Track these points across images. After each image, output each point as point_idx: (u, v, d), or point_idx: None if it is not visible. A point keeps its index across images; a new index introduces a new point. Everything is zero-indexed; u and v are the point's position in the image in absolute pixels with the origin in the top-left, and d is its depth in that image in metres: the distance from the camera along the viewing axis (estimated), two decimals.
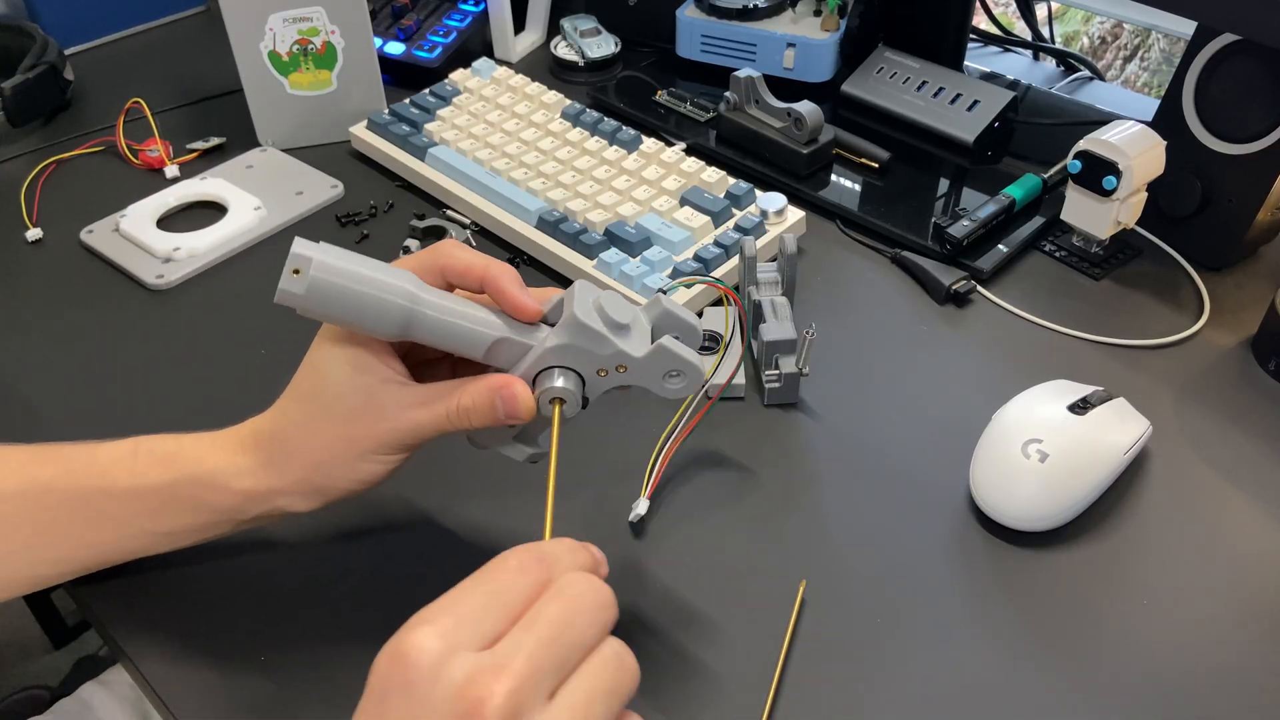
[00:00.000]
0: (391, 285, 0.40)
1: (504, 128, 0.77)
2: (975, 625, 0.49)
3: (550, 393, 0.42)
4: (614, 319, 0.42)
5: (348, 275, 0.40)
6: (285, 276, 0.40)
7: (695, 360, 0.43)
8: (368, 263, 0.41)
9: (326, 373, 0.43)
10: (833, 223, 0.74)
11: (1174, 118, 0.68)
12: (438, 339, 0.42)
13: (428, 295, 0.41)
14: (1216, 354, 0.63)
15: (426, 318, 0.41)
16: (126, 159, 0.80)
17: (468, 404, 0.42)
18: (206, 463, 0.44)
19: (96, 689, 0.67)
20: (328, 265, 0.40)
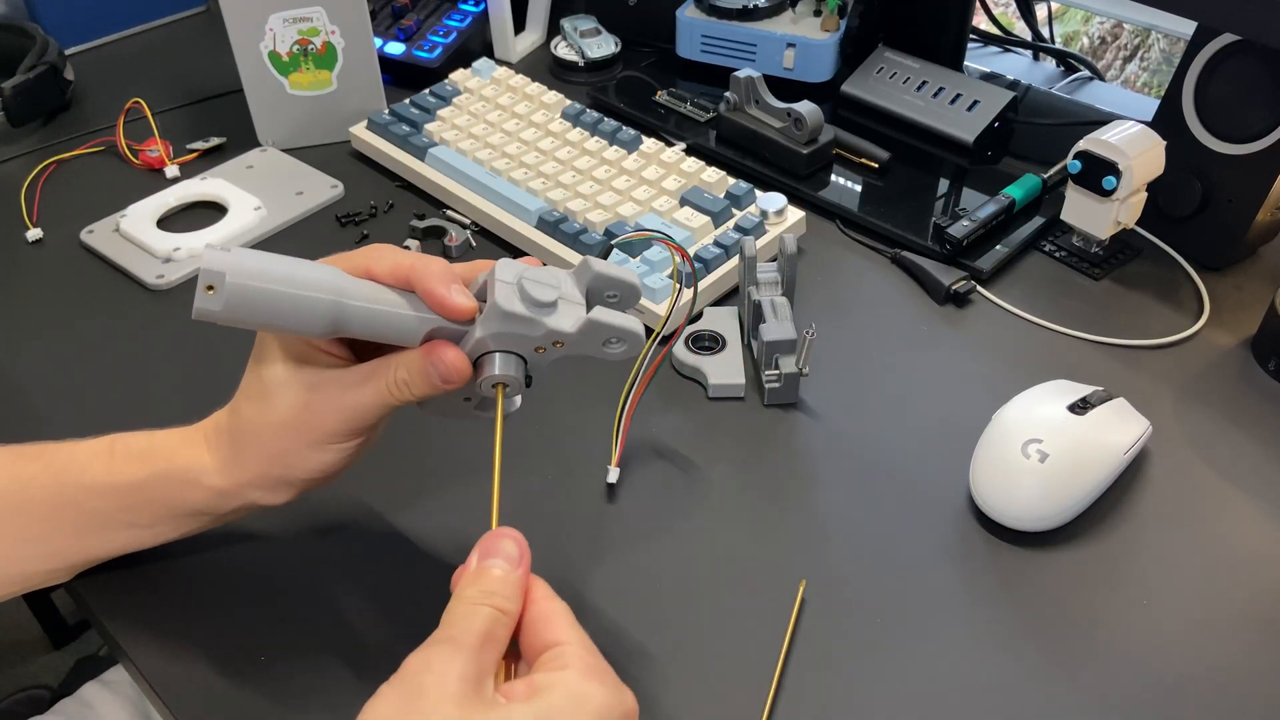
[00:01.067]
0: (315, 281, 0.39)
1: (504, 128, 0.77)
2: (975, 625, 0.49)
3: (491, 379, 0.41)
4: (537, 299, 0.40)
5: (266, 278, 0.38)
6: (200, 294, 0.38)
7: (629, 325, 0.42)
8: (287, 261, 0.39)
9: (268, 368, 0.42)
10: (833, 223, 0.74)
11: (1174, 118, 0.68)
12: (371, 332, 0.41)
13: (354, 287, 0.40)
14: (1216, 354, 0.63)
15: (355, 310, 0.40)
16: (127, 159, 0.80)
17: (404, 376, 0.41)
18: (177, 459, 0.44)
19: (98, 689, 0.67)
20: (244, 270, 0.38)
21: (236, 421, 0.44)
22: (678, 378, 0.62)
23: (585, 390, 0.60)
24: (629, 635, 0.48)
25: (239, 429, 0.44)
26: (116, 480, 0.44)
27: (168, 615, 0.49)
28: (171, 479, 0.44)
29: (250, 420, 0.43)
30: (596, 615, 0.49)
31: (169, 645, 0.48)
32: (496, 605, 0.35)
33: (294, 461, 0.43)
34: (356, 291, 0.40)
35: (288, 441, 0.43)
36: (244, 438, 0.43)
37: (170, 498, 0.45)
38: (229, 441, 0.44)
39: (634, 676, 0.46)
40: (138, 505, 0.45)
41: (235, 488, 0.44)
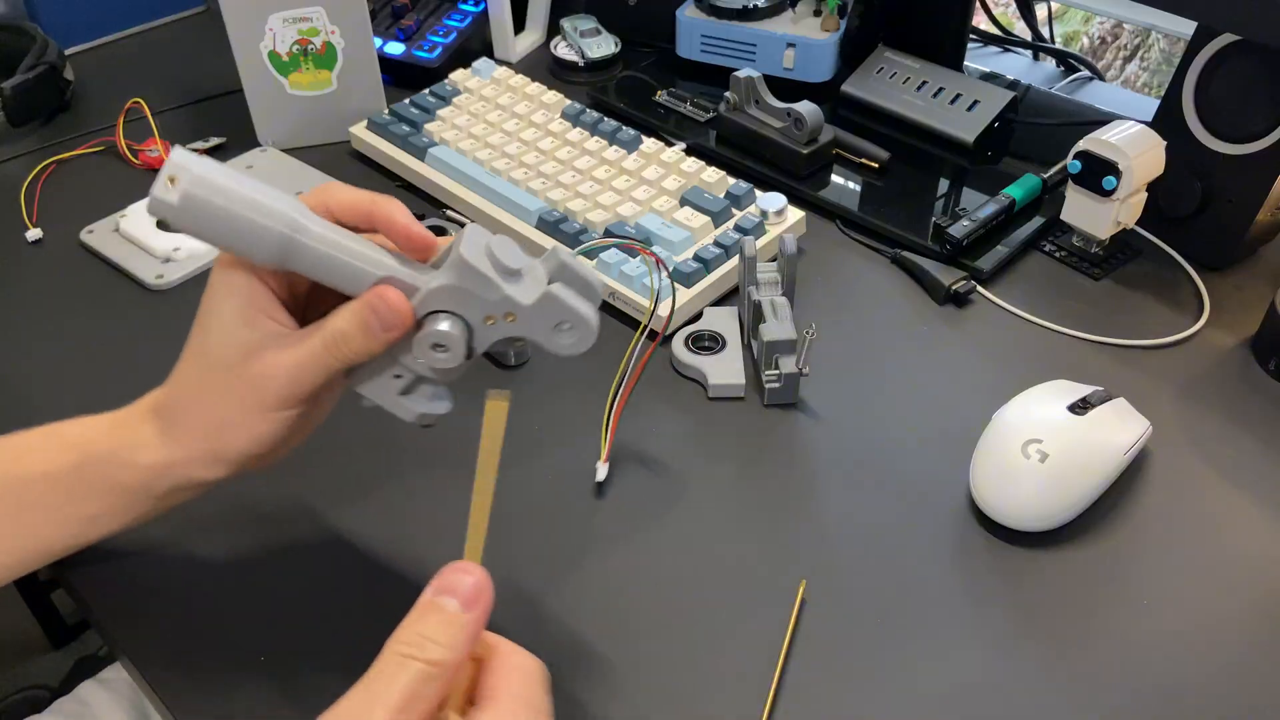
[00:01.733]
0: (272, 210, 0.38)
1: (504, 128, 0.77)
2: (975, 625, 0.49)
3: (432, 336, 0.40)
4: (504, 264, 0.39)
5: (225, 193, 0.37)
6: (158, 183, 0.37)
7: (586, 311, 0.41)
8: (251, 184, 0.38)
9: (211, 328, 0.41)
10: (833, 223, 0.74)
11: (1174, 118, 0.68)
12: (318, 272, 0.39)
13: (312, 225, 0.39)
14: (1216, 354, 0.63)
15: (306, 248, 0.39)
16: (126, 159, 0.80)
17: (341, 326, 0.40)
18: (109, 440, 0.43)
19: (95, 688, 0.67)
20: (205, 180, 0.37)
21: (177, 392, 0.43)
22: (678, 378, 0.62)
23: (583, 390, 0.60)
24: (629, 635, 0.48)
25: (178, 399, 0.43)
26: (51, 469, 0.44)
27: (168, 615, 0.49)
28: (105, 461, 0.43)
29: (191, 387, 0.42)
30: (596, 615, 0.49)
31: (169, 645, 0.48)
32: (429, 659, 0.33)
33: (231, 433, 0.42)
34: (312, 230, 0.39)
35: (228, 408, 0.41)
36: (182, 408, 0.42)
37: (106, 482, 0.44)
38: (169, 413, 0.43)
39: (634, 676, 0.46)
40: (75, 493, 0.44)
41: (169, 464, 0.43)
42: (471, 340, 0.41)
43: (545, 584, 0.50)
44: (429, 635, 0.34)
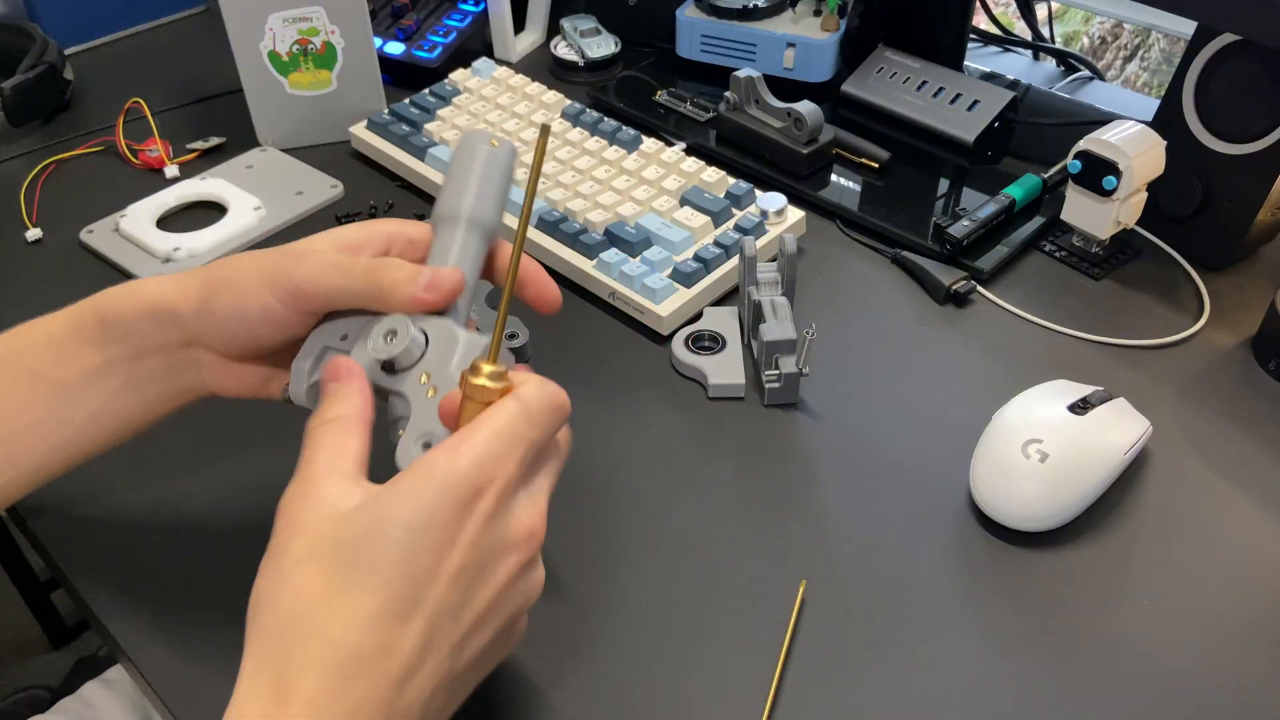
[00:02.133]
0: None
1: (504, 128, 0.77)
2: (975, 625, 0.49)
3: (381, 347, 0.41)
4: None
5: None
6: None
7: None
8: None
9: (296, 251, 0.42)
10: (833, 223, 0.74)
11: (1174, 118, 0.68)
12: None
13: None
14: (1216, 354, 0.63)
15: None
16: (126, 159, 0.80)
17: (396, 263, 0.41)
18: (116, 290, 0.43)
19: (99, 688, 0.67)
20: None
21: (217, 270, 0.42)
22: (678, 378, 0.62)
23: (582, 390, 0.59)
24: (628, 635, 0.48)
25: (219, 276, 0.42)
26: (55, 329, 0.44)
27: (168, 615, 0.49)
28: (103, 307, 0.43)
29: (231, 263, 0.42)
30: (595, 615, 0.49)
31: (169, 645, 0.48)
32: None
33: (249, 303, 0.41)
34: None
35: (253, 277, 0.41)
36: (211, 269, 0.42)
37: (107, 329, 0.43)
38: (192, 275, 0.43)
39: (634, 676, 0.46)
40: (79, 344, 0.43)
41: (173, 299, 0.42)
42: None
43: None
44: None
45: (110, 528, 0.53)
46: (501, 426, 0.35)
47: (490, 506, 0.34)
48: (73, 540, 0.53)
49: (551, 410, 0.37)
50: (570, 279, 0.68)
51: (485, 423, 0.36)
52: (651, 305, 0.63)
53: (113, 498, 0.55)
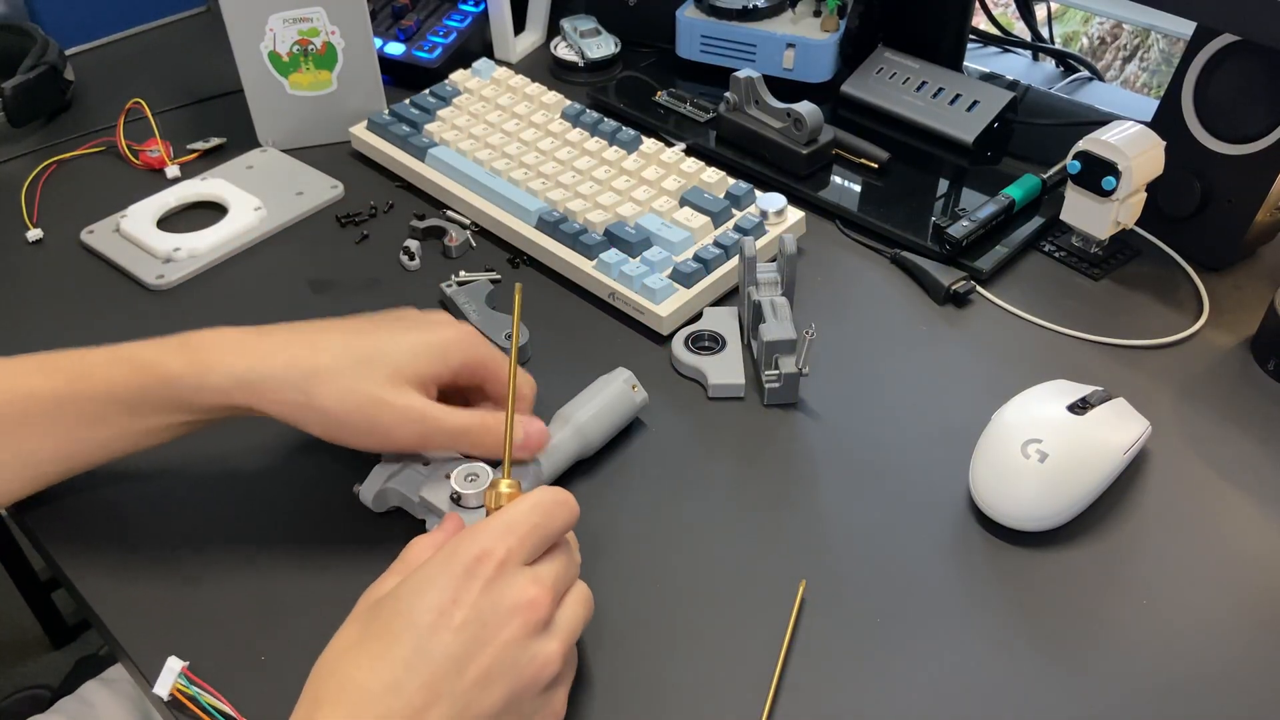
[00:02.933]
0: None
1: (504, 128, 0.77)
2: (975, 625, 0.49)
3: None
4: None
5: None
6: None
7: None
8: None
9: (387, 352, 0.48)
10: (832, 223, 0.74)
11: (1173, 118, 0.68)
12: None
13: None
14: (1216, 354, 0.63)
15: None
16: (127, 159, 0.80)
17: (487, 430, 0.49)
18: (190, 367, 0.47)
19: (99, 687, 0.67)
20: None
21: (303, 355, 0.48)
22: (678, 378, 0.62)
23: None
24: (628, 635, 0.48)
25: (301, 362, 0.47)
26: (115, 387, 0.47)
27: (168, 615, 0.49)
28: (176, 384, 0.47)
29: (322, 368, 0.47)
30: (595, 615, 0.49)
31: (169, 645, 0.48)
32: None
33: (324, 413, 0.48)
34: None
35: (336, 401, 0.48)
36: (301, 376, 0.47)
37: (176, 401, 0.48)
38: (273, 368, 0.47)
39: (634, 676, 0.46)
40: (139, 407, 0.48)
41: (246, 400, 0.47)
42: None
43: None
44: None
45: (110, 528, 0.53)
46: (507, 513, 0.42)
47: (490, 572, 0.39)
48: (73, 540, 0.53)
49: (556, 504, 0.43)
50: (570, 279, 0.68)
51: (496, 513, 0.42)
52: (651, 305, 0.63)
53: (113, 498, 0.55)
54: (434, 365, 0.49)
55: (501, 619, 0.39)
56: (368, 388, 0.47)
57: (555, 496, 0.43)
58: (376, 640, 0.39)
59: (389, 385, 0.47)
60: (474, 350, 0.50)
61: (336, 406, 0.47)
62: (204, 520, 0.54)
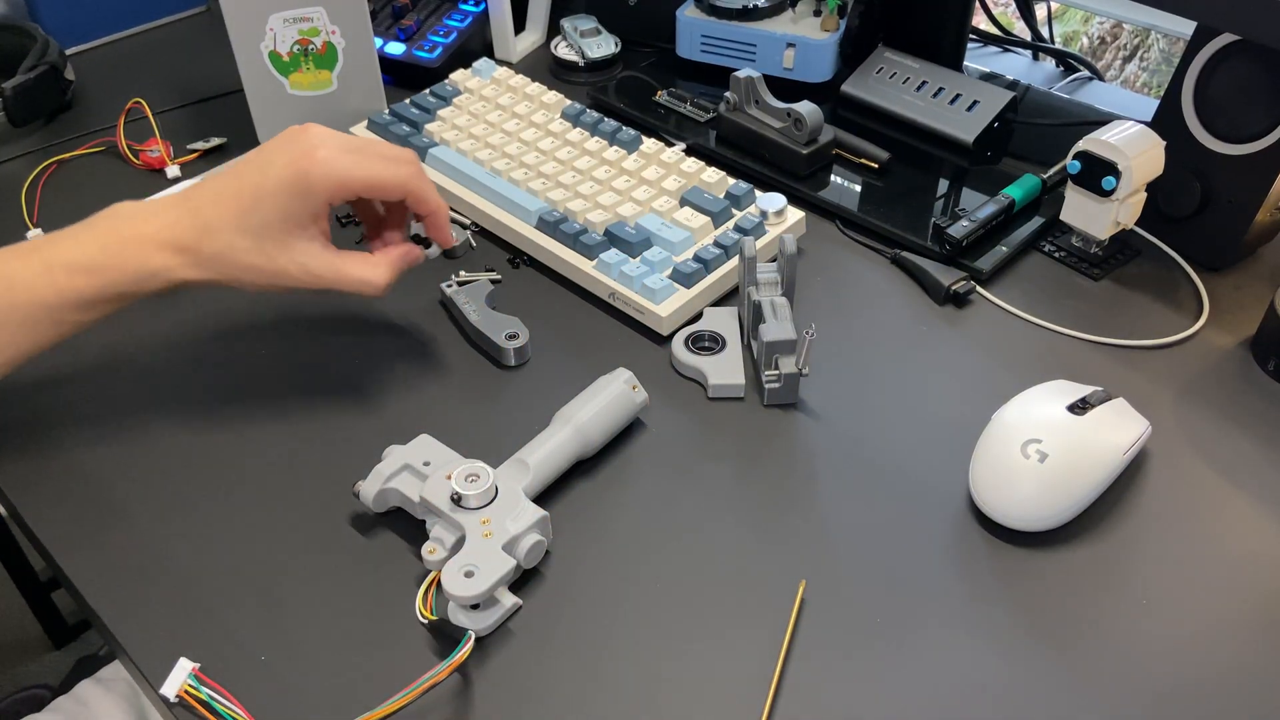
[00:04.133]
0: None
1: (504, 128, 0.77)
2: (975, 625, 0.49)
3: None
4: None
5: None
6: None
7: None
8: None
9: (272, 221, 0.52)
10: (833, 223, 0.74)
11: (1173, 118, 0.68)
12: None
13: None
14: (1216, 354, 0.63)
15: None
16: (127, 159, 0.80)
17: (364, 276, 0.55)
18: (130, 270, 0.52)
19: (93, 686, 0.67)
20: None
21: (205, 235, 0.52)
22: (678, 378, 0.62)
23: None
24: (629, 635, 0.48)
25: (216, 251, 0.52)
26: (68, 296, 0.51)
27: (168, 615, 0.49)
28: (129, 282, 0.52)
29: (222, 235, 0.52)
30: (595, 615, 0.49)
31: (169, 644, 0.48)
32: None
33: (242, 274, 0.53)
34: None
35: (257, 275, 0.53)
36: (216, 259, 0.52)
37: (122, 297, 0.53)
38: (199, 256, 0.52)
39: (634, 676, 0.47)
40: (93, 306, 0.52)
41: (185, 282, 0.53)
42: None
43: (544, 583, 0.50)
44: None
45: (110, 528, 0.53)
46: None
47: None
48: (73, 540, 0.53)
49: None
50: (570, 279, 0.68)
51: None
52: (651, 305, 0.63)
53: (113, 498, 0.55)
54: (307, 206, 0.52)
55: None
56: (266, 258, 0.52)
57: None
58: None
59: (283, 249, 0.52)
60: (340, 183, 0.53)
61: (248, 277, 0.53)
62: (204, 520, 0.54)
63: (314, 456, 0.57)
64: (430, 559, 0.48)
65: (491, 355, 0.63)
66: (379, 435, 0.57)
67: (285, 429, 0.59)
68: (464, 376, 0.62)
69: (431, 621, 0.47)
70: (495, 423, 0.59)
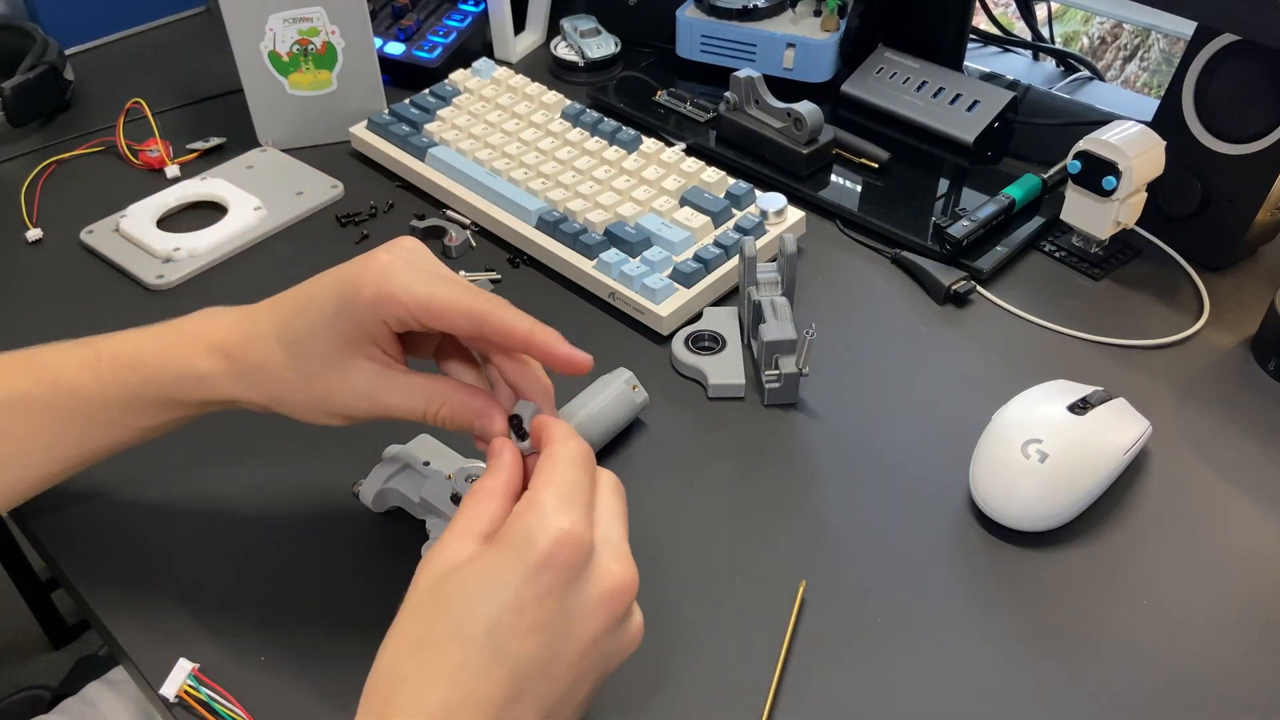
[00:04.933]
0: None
1: (504, 128, 0.77)
2: (975, 625, 0.49)
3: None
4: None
5: None
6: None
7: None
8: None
9: (315, 333, 0.42)
10: (833, 223, 0.74)
11: (1174, 118, 0.68)
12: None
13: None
14: (1216, 354, 0.63)
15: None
16: (127, 159, 0.80)
17: (446, 414, 0.43)
18: (171, 368, 0.45)
19: (102, 688, 0.67)
20: None
21: (257, 355, 0.44)
22: (678, 378, 0.62)
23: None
24: None
25: (256, 362, 0.44)
26: (110, 392, 0.46)
27: (168, 615, 0.49)
28: (166, 384, 0.45)
29: (271, 362, 0.43)
30: None
31: (169, 645, 0.48)
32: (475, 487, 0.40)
33: (300, 412, 0.45)
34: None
35: (303, 398, 0.44)
36: (258, 373, 0.44)
37: (166, 401, 0.46)
38: (242, 366, 0.44)
39: (633, 676, 0.46)
40: (133, 409, 0.46)
41: (232, 399, 0.45)
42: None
43: None
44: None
45: (110, 528, 0.53)
46: (556, 481, 0.37)
47: (569, 558, 0.36)
48: (73, 540, 0.53)
49: (581, 448, 0.39)
50: (570, 279, 0.68)
51: (543, 482, 0.38)
52: (651, 305, 0.63)
53: (113, 498, 0.55)
54: (363, 330, 0.42)
55: (589, 612, 0.36)
56: (311, 379, 0.43)
57: (575, 441, 0.39)
58: (449, 643, 0.34)
59: (333, 370, 0.43)
60: (405, 308, 0.41)
61: (292, 399, 0.44)
62: (204, 520, 0.54)
63: (313, 456, 0.57)
64: None
65: None
66: (377, 435, 0.57)
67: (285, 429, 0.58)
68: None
69: None
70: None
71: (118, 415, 0.46)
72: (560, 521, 0.36)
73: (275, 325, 0.44)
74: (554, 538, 0.35)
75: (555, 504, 0.36)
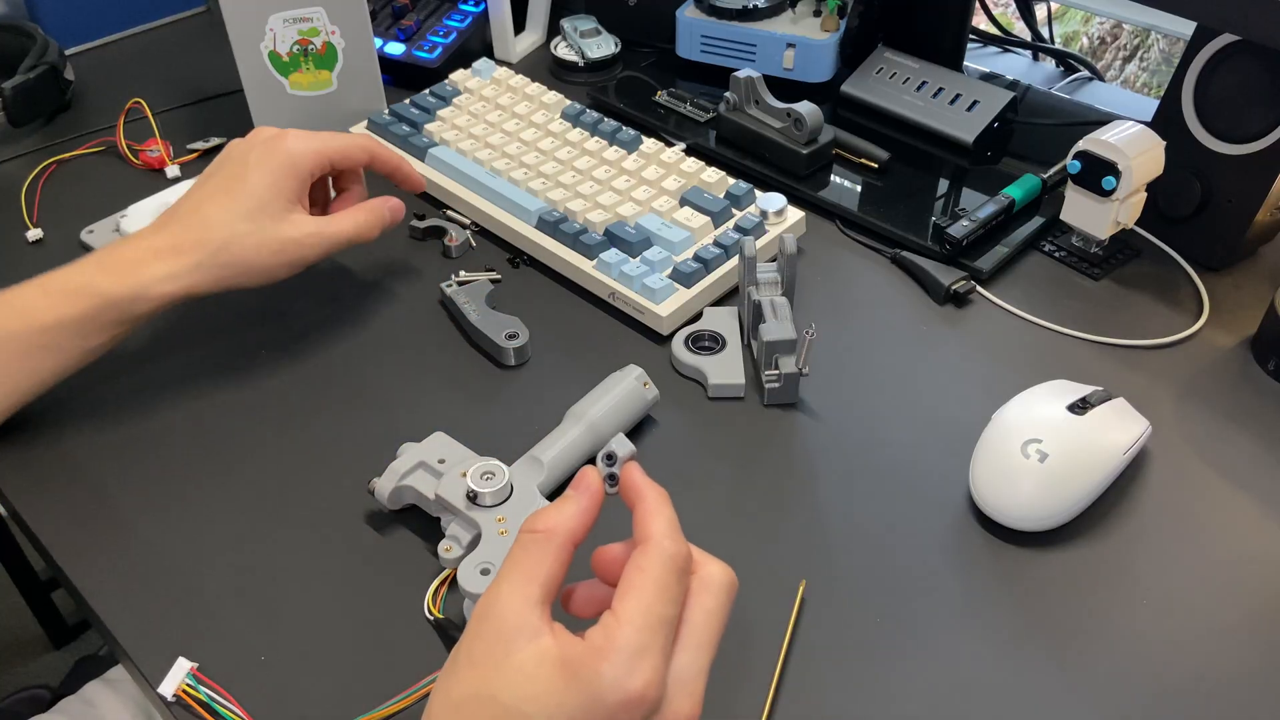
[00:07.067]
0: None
1: (504, 128, 0.77)
2: (975, 625, 0.49)
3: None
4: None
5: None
6: None
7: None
8: None
9: (265, 201, 0.56)
10: (833, 223, 0.74)
11: (1173, 118, 0.68)
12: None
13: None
14: (1216, 354, 0.63)
15: None
16: (127, 159, 0.80)
17: (390, 217, 0.62)
18: (125, 284, 0.53)
19: (101, 688, 0.67)
20: None
21: (199, 231, 0.55)
22: (678, 378, 0.62)
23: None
24: None
25: (202, 238, 0.55)
26: (66, 318, 0.53)
27: (168, 616, 0.49)
28: (120, 302, 0.53)
29: (217, 227, 0.55)
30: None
31: (169, 645, 0.48)
32: (533, 527, 0.36)
33: (248, 270, 0.56)
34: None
35: (246, 250, 0.56)
36: (207, 244, 0.55)
37: (118, 316, 0.54)
38: (189, 249, 0.55)
39: None
40: (86, 331, 0.53)
41: (187, 289, 0.55)
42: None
43: None
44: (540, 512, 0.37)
45: (110, 528, 0.53)
46: (634, 622, 0.34)
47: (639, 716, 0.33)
48: (73, 540, 0.53)
49: (683, 562, 0.36)
50: (570, 279, 0.68)
51: (628, 617, 0.34)
52: (651, 305, 0.63)
53: (113, 498, 0.55)
54: (294, 182, 0.57)
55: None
56: (271, 234, 0.56)
57: (671, 545, 0.36)
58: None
59: (283, 222, 0.56)
60: (316, 153, 0.58)
61: (256, 259, 0.56)
62: (204, 520, 0.54)
63: (313, 457, 0.57)
64: (446, 556, 0.48)
65: (491, 355, 0.63)
66: (378, 435, 0.57)
67: (285, 429, 0.59)
68: (464, 376, 0.62)
69: (438, 619, 0.47)
70: (496, 423, 0.59)
71: (70, 339, 0.53)
72: (633, 683, 0.33)
73: (228, 209, 0.55)
74: (623, 699, 0.32)
75: (633, 654, 0.33)
